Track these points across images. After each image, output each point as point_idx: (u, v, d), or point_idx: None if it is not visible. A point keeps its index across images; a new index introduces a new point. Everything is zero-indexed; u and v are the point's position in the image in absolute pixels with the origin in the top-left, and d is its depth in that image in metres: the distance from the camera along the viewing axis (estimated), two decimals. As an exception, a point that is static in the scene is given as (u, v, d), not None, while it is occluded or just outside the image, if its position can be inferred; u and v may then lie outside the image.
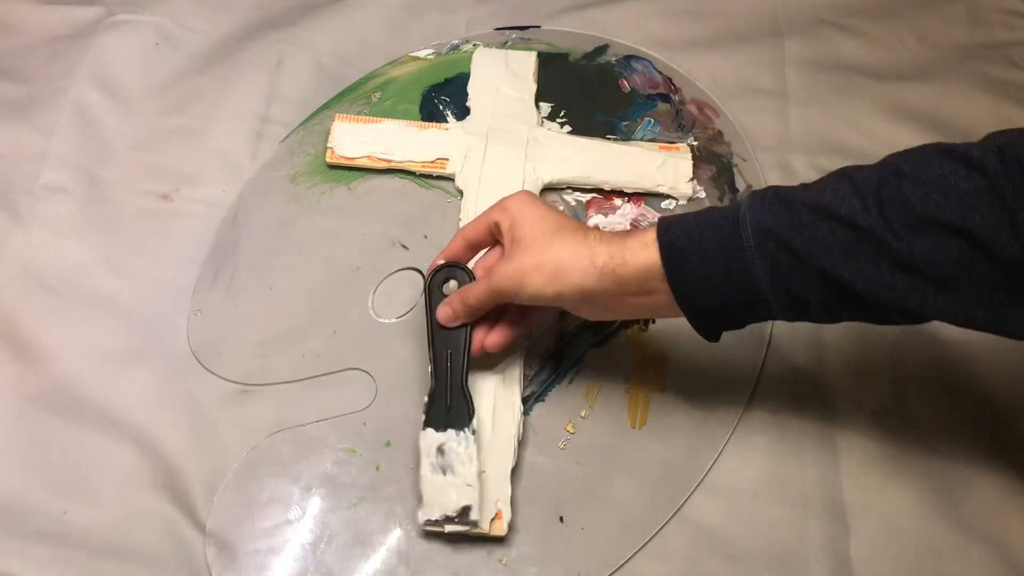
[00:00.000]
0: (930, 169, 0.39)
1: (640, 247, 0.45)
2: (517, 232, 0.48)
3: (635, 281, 0.45)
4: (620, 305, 0.47)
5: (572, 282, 0.46)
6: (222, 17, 0.76)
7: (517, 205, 0.49)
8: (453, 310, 0.51)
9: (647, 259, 0.45)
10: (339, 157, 0.65)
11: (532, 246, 0.47)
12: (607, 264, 0.45)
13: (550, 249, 0.47)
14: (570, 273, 0.46)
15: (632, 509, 0.52)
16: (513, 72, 0.69)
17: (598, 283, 0.46)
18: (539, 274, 0.47)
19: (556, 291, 0.47)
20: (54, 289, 0.60)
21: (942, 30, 0.74)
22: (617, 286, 0.46)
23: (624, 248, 0.46)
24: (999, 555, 0.50)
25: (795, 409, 0.55)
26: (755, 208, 0.43)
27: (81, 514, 0.52)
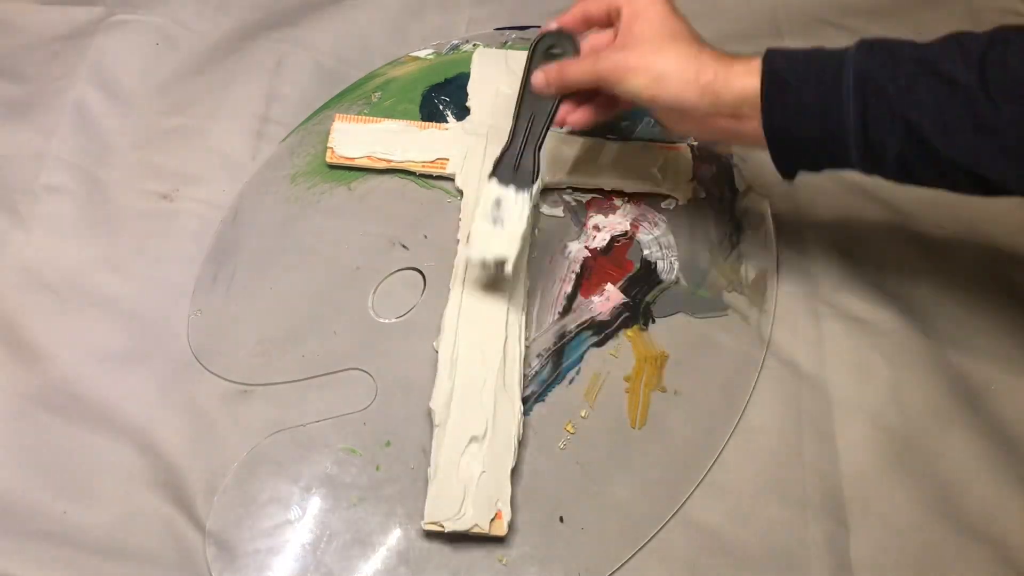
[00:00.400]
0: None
1: (745, 71, 0.46)
2: (635, 25, 0.49)
3: (732, 103, 0.47)
4: (709, 124, 0.49)
5: (672, 92, 0.47)
6: (222, 17, 0.76)
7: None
8: (548, 79, 0.52)
9: (748, 83, 0.46)
10: (339, 157, 0.65)
11: (645, 44, 0.48)
12: (711, 82, 0.47)
13: (660, 53, 0.48)
14: (672, 82, 0.47)
15: (632, 509, 0.52)
16: (513, 72, 0.69)
17: (698, 99, 0.47)
18: (643, 74, 0.48)
19: (653, 95, 0.48)
20: (54, 289, 0.60)
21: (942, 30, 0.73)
22: (713, 106, 0.47)
23: (730, 69, 0.47)
24: (999, 555, 0.50)
25: (795, 409, 0.55)
26: (862, 52, 0.45)
27: (81, 514, 0.52)
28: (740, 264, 0.61)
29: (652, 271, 0.61)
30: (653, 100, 0.48)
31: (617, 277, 0.61)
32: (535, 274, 0.60)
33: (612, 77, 0.49)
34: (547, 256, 0.61)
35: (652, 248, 0.62)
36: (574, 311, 0.59)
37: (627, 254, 0.62)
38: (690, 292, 0.60)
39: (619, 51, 0.49)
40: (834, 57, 0.45)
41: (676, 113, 0.49)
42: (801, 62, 0.46)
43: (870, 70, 0.44)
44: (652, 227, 0.63)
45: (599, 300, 0.59)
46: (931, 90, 0.42)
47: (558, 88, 0.53)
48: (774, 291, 0.60)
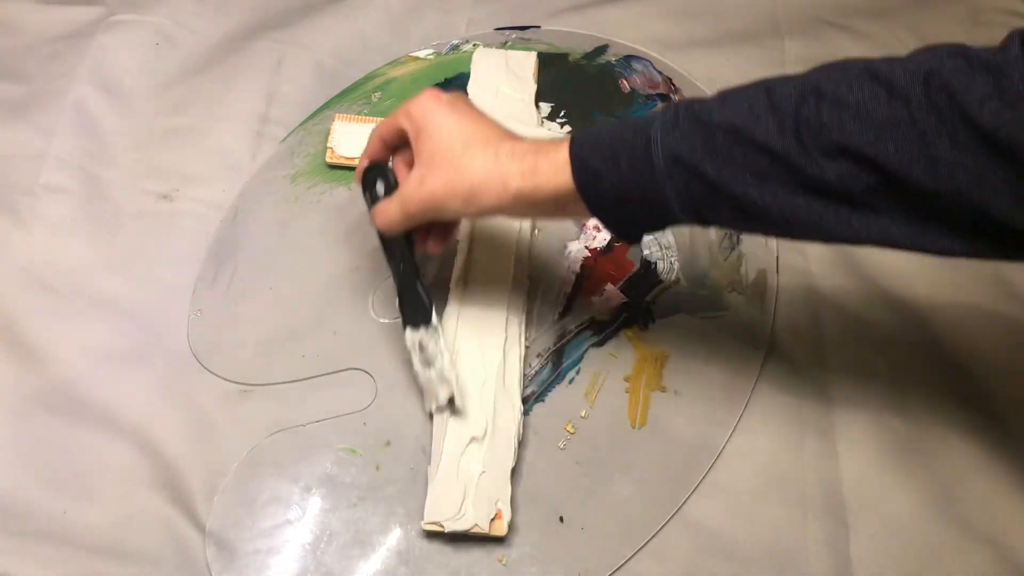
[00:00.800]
0: (851, 92, 0.38)
1: (553, 171, 0.44)
2: (424, 145, 0.47)
3: (550, 202, 0.45)
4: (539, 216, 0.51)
5: (488, 205, 0.46)
6: (222, 17, 0.76)
7: (421, 112, 0.48)
8: (390, 218, 0.50)
9: (560, 182, 0.44)
10: (339, 157, 0.65)
11: (443, 165, 0.46)
12: (520, 188, 0.45)
13: (461, 170, 0.46)
14: (485, 196, 0.46)
15: (632, 509, 0.52)
16: (513, 72, 0.69)
17: (514, 204, 0.46)
18: (454, 198, 0.46)
19: (476, 212, 0.47)
20: (54, 289, 0.60)
21: (942, 30, 0.74)
22: (532, 207, 0.46)
23: (536, 171, 0.45)
24: (999, 555, 0.50)
25: (795, 409, 0.55)
26: (667, 131, 0.41)
27: (81, 514, 0.52)
28: (740, 264, 0.61)
29: (652, 271, 0.61)
30: (479, 215, 0.48)
31: (617, 277, 0.61)
32: (535, 274, 0.60)
33: (428, 210, 0.48)
34: (547, 256, 0.61)
35: (652, 248, 0.62)
36: (574, 311, 0.59)
37: (627, 254, 0.62)
38: (690, 292, 0.60)
39: (422, 181, 0.47)
40: (640, 135, 0.42)
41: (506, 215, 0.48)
42: (607, 147, 0.43)
43: (679, 151, 0.41)
44: (652, 227, 0.63)
45: (599, 300, 0.59)
46: (750, 161, 0.39)
47: (407, 224, 0.50)
48: (774, 291, 0.60)
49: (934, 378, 0.56)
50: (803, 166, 0.38)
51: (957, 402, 0.55)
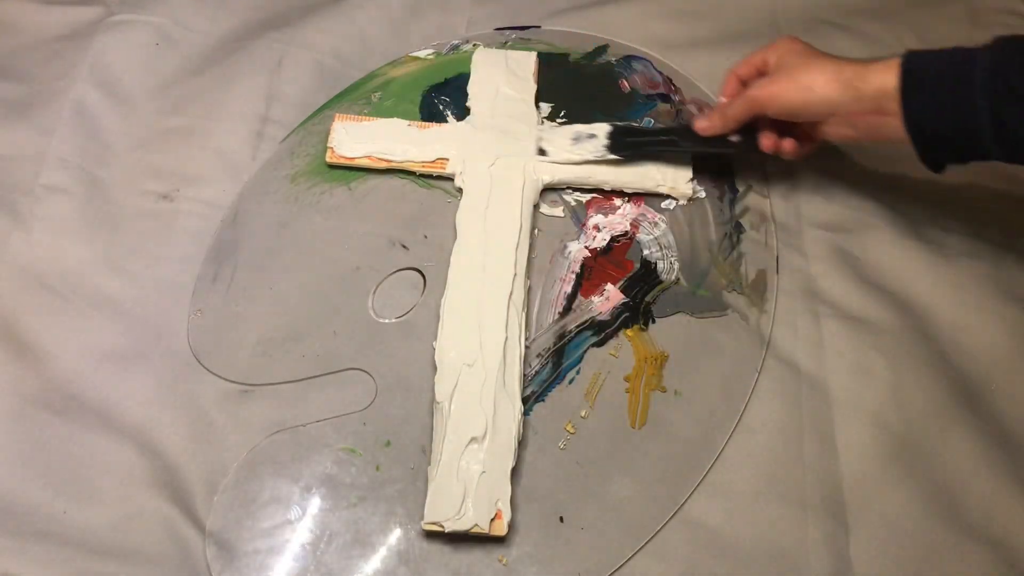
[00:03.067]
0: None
1: (883, 68, 0.51)
2: (782, 60, 0.56)
3: (872, 97, 0.51)
4: (855, 120, 0.53)
5: (817, 93, 0.53)
6: (222, 17, 0.76)
7: (786, 43, 0.57)
8: (710, 120, 0.60)
9: (887, 79, 0.50)
10: (339, 157, 0.65)
11: (791, 68, 0.55)
12: (851, 78, 0.52)
13: (804, 68, 0.54)
14: (817, 85, 0.53)
15: (632, 509, 0.52)
16: (513, 72, 0.69)
17: (840, 94, 0.52)
18: (792, 89, 0.54)
19: (803, 99, 0.54)
20: (54, 289, 0.60)
21: (942, 30, 0.74)
22: (856, 100, 0.52)
23: (868, 67, 0.51)
24: (999, 555, 0.50)
25: (795, 409, 0.55)
26: (995, 49, 0.47)
27: (81, 514, 0.52)
28: (740, 264, 0.61)
29: (652, 271, 0.61)
30: (805, 104, 0.54)
31: (617, 277, 0.61)
32: (535, 274, 0.60)
33: (765, 99, 0.55)
34: (547, 256, 0.61)
35: (652, 248, 0.62)
36: (574, 311, 0.59)
37: (627, 254, 0.62)
38: (690, 292, 0.60)
39: (771, 80, 0.56)
40: (969, 54, 0.48)
41: (825, 114, 0.54)
42: (937, 60, 0.50)
43: (1001, 68, 0.46)
44: (652, 227, 0.63)
45: (599, 300, 0.60)
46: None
47: (720, 125, 0.59)
48: (774, 291, 0.60)
49: (934, 378, 0.56)
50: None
51: (957, 402, 0.55)
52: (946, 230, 0.62)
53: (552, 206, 0.64)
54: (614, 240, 0.62)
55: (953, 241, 0.61)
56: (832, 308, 0.59)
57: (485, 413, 0.52)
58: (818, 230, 0.63)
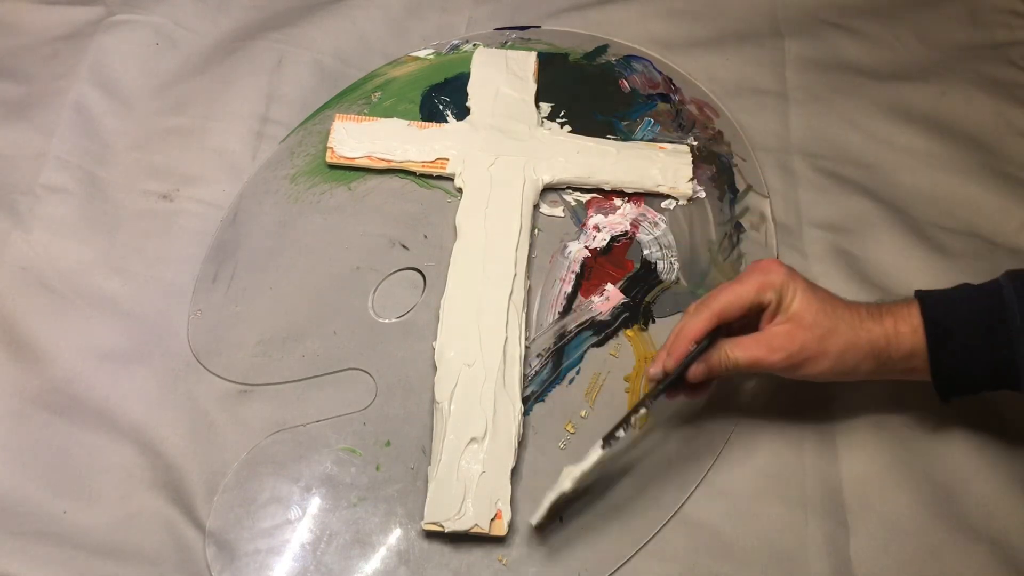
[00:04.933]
0: None
1: (910, 331, 0.48)
2: (791, 309, 0.49)
3: (903, 359, 0.49)
4: (876, 374, 0.50)
5: (849, 367, 0.49)
6: (222, 17, 0.76)
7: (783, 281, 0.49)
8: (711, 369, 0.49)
9: (917, 340, 0.48)
10: (339, 157, 0.65)
11: (813, 329, 0.48)
12: (883, 350, 0.48)
13: (832, 335, 0.48)
14: (850, 359, 0.49)
15: (632, 509, 0.52)
16: (513, 72, 0.69)
17: (874, 366, 0.49)
18: (824, 359, 0.48)
19: (833, 371, 0.49)
20: (54, 289, 0.60)
21: (942, 30, 0.74)
22: (885, 366, 0.49)
23: (897, 333, 0.48)
24: (999, 555, 0.50)
25: (795, 409, 0.55)
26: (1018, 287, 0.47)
27: (81, 514, 0.52)
28: (740, 264, 0.61)
29: (652, 271, 0.61)
30: (832, 374, 0.49)
31: (617, 277, 0.61)
32: (535, 274, 0.60)
33: (789, 366, 0.49)
34: (547, 256, 0.61)
35: (652, 248, 0.62)
36: (574, 311, 0.59)
37: (627, 254, 0.62)
38: (690, 292, 0.60)
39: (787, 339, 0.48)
40: (992, 297, 0.48)
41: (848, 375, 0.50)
42: (959, 306, 0.48)
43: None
44: (652, 227, 0.63)
45: (599, 300, 0.59)
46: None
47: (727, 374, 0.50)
48: (774, 291, 0.60)
49: (934, 378, 0.56)
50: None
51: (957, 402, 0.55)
52: (946, 230, 0.62)
53: (552, 206, 0.64)
54: (614, 240, 0.62)
55: (953, 241, 0.61)
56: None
57: (485, 413, 0.52)
58: (818, 230, 0.63)
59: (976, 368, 0.48)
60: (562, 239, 0.62)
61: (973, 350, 0.47)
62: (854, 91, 0.70)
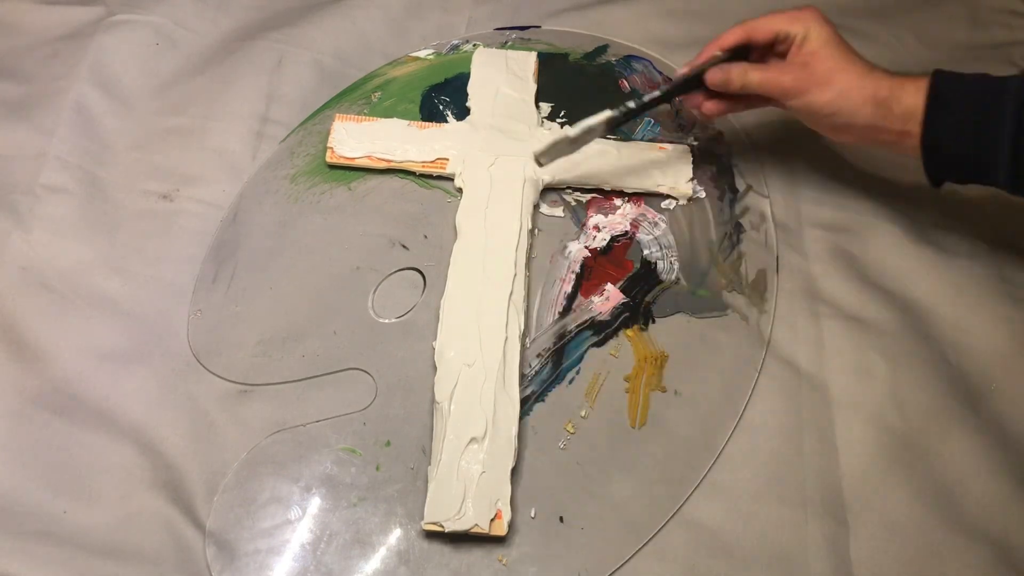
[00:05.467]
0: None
1: (915, 89, 0.51)
2: (812, 44, 0.53)
3: (900, 118, 0.51)
4: (870, 136, 0.53)
5: (850, 106, 0.52)
6: (222, 17, 0.76)
7: (818, 24, 0.54)
8: (728, 77, 0.56)
9: (916, 103, 0.51)
10: (339, 157, 0.65)
11: (827, 62, 0.53)
12: (886, 99, 0.51)
13: (841, 71, 0.52)
14: (853, 98, 0.52)
15: (632, 509, 0.52)
16: (513, 72, 0.69)
17: (872, 114, 0.52)
18: (828, 90, 0.52)
19: (835, 109, 0.52)
20: (54, 289, 0.60)
21: (942, 30, 0.74)
22: (884, 120, 0.52)
23: (903, 88, 0.51)
24: (999, 555, 0.50)
25: (795, 409, 0.55)
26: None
27: (81, 514, 0.52)
28: (740, 264, 0.61)
29: (652, 271, 0.61)
30: (832, 114, 0.53)
31: (617, 277, 0.61)
32: (535, 274, 0.60)
33: (794, 89, 0.53)
34: (547, 256, 0.61)
35: (652, 248, 0.62)
36: (574, 311, 0.59)
37: (627, 254, 0.62)
38: (690, 292, 0.60)
39: (802, 67, 0.53)
40: (1001, 81, 0.49)
41: (843, 125, 0.53)
42: (966, 84, 0.50)
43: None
44: (652, 227, 0.63)
45: (599, 300, 0.59)
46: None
47: (739, 88, 0.56)
48: (774, 291, 0.60)
49: (934, 378, 0.56)
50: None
51: (957, 402, 0.55)
52: (946, 230, 0.62)
53: (552, 206, 0.64)
54: (614, 240, 0.62)
55: (953, 241, 0.61)
56: (832, 308, 0.59)
57: (485, 413, 0.52)
58: (818, 230, 0.63)
59: (962, 146, 0.50)
60: (562, 239, 0.62)
61: (964, 127, 0.49)
62: (854, 91, 0.70)
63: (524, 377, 0.56)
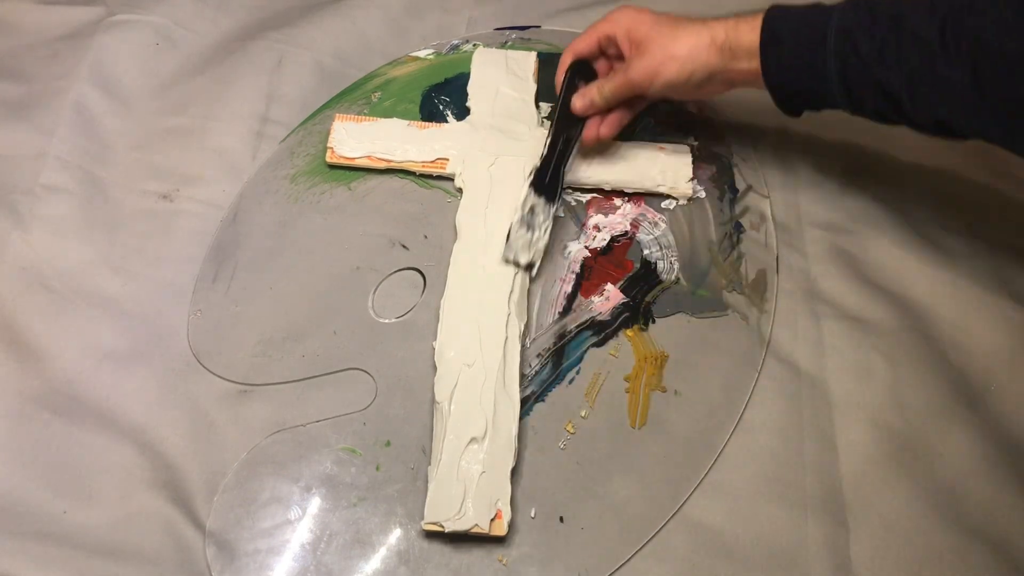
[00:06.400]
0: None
1: (749, 28, 0.54)
2: (638, 34, 0.56)
3: (744, 55, 0.54)
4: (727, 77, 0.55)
5: (701, 61, 0.54)
6: (222, 17, 0.76)
7: (626, 17, 0.57)
8: (590, 99, 0.59)
9: (754, 40, 0.53)
10: (339, 157, 0.65)
11: (659, 40, 0.55)
12: (725, 40, 0.54)
13: (677, 39, 0.55)
14: (698, 55, 0.54)
15: (632, 509, 0.52)
16: (513, 72, 0.69)
17: (720, 60, 0.54)
18: (672, 62, 0.55)
19: (689, 72, 0.55)
20: (54, 289, 0.60)
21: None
22: (731, 59, 0.54)
23: (738, 28, 0.54)
24: (999, 555, 0.50)
25: (795, 409, 0.55)
26: (847, 8, 0.51)
27: (81, 514, 0.52)
28: (740, 264, 0.61)
29: (652, 271, 0.61)
30: (691, 75, 0.55)
31: (617, 277, 0.61)
32: (535, 274, 0.60)
33: (647, 78, 0.56)
34: (547, 256, 0.61)
35: (652, 248, 0.62)
36: (574, 311, 0.59)
37: (627, 254, 0.62)
38: (690, 292, 0.60)
39: (642, 57, 0.56)
40: (825, 13, 0.52)
41: (705, 80, 0.55)
42: (796, 18, 0.53)
43: (850, 27, 0.50)
44: (652, 227, 0.63)
45: (599, 300, 0.59)
46: (897, 47, 0.48)
47: (601, 105, 0.59)
48: (774, 291, 0.60)
49: (934, 378, 0.56)
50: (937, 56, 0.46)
51: (957, 402, 0.55)
52: (946, 230, 0.62)
53: (552, 206, 0.64)
54: (614, 240, 0.62)
55: (953, 241, 0.61)
56: (832, 308, 0.59)
57: (485, 413, 0.52)
58: (818, 230, 0.63)
59: (798, 82, 0.53)
60: (562, 239, 0.62)
61: (797, 60, 0.52)
62: (854, 91, 0.70)
63: (524, 377, 0.56)
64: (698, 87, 0.56)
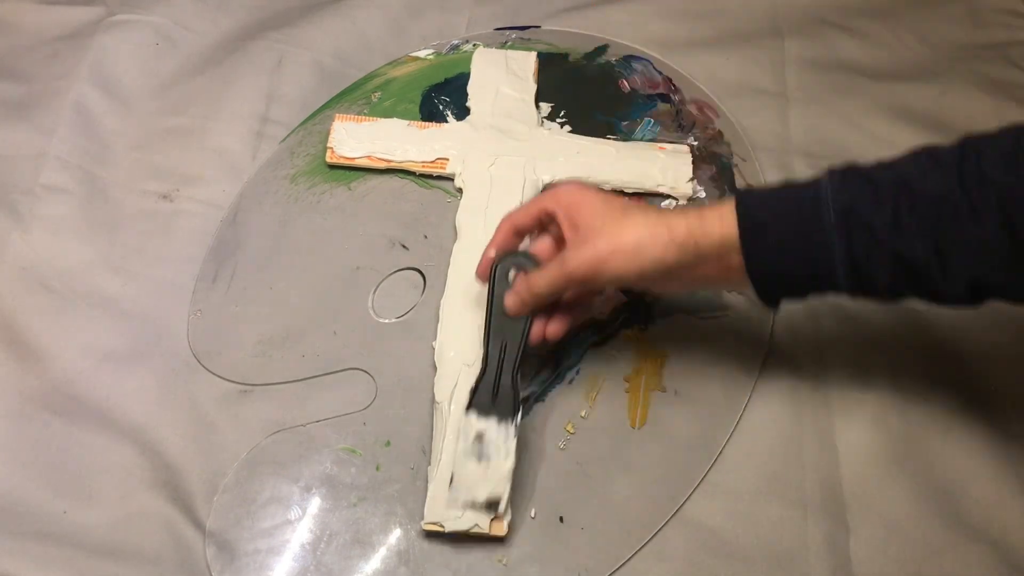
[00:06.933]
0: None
1: (718, 219, 0.46)
2: (579, 219, 0.48)
3: (714, 252, 0.46)
4: (697, 274, 0.47)
5: (654, 258, 0.46)
6: (222, 17, 0.76)
7: (569, 194, 0.49)
8: (521, 299, 0.50)
9: (726, 230, 0.45)
10: (339, 157, 0.65)
11: (604, 229, 0.47)
12: (688, 237, 0.46)
13: (624, 230, 0.47)
14: (651, 249, 0.46)
15: (632, 509, 0.52)
16: (513, 72, 0.69)
17: (680, 256, 0.46)
18: (620, 256, 0.46)
19: (639, 268, 0.46)
20: (54, 289, 0.60)
21: (942, 30, 0.74)
22: (696, 257, 0.46)
23: (703, 220, 0.46)
24: (999, 555, 0.50)
25: (795, 409, 0.55)
26: (836, 183, 0.44)
27: (81, 514, 0.52)
28: (740, 264, 0.61)
29: (652, 271, 0.61)
30: (641, 273, 0.47)
31: (617, 277, 0.60)
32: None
33: (589, 272, 0.47)
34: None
35: (652, 248, 0.62)
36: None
37: (627, 254, 0.61)
38: (690, 292, 0.60)
39: (582, 246, 0.47)
40: (808, 191, 0.45)
41: (662, 277, 0.47)
42: (775, 200, 0.46)
43: (851, 204, 0.43)
44: (652, 227, 0.63)
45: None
46: (913, 212, 0.42)
47: (533, 304, 0.50)
48: (774, 291, 0.60)
49: (934, 378, 0.56)
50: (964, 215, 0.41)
51: (957, 402, 0.55)
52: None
53: (552, 206, 0.64)
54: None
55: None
56: (832, 308, 0.59)
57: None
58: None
59: (793, 267, 0.45)
60: (562, 239, 0.62)
61: (789, 243, 0.44)
62: (854, 91, 0.70)
63: (524, 377, 0.56)
64: (655, 284, 0.49)
